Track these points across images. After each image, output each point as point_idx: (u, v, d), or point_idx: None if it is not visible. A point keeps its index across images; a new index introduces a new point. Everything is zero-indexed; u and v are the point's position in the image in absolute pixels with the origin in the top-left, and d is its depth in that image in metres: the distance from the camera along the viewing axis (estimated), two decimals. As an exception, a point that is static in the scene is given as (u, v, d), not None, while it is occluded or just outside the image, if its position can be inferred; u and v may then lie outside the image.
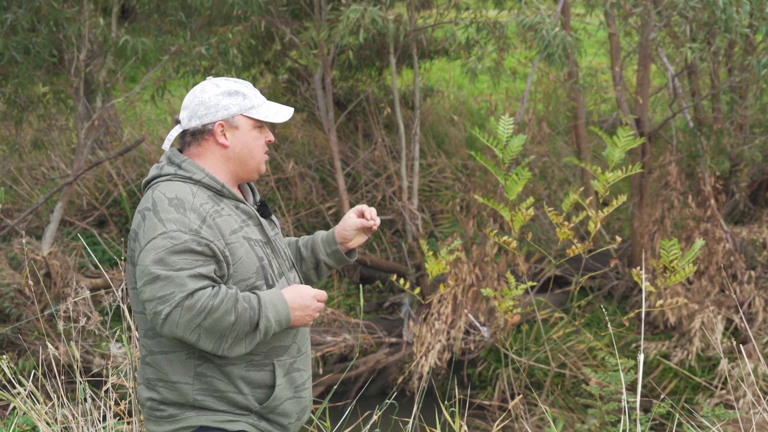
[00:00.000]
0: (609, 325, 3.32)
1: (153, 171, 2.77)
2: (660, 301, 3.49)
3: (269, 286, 2.73)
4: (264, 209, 2.86)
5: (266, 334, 2.64)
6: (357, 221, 2.96)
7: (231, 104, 2.74)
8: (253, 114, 2.75)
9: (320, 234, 3.03)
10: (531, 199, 3.57)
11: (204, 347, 2.60)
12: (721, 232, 8.70)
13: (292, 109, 2.83)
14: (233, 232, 2.69)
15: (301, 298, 2.70)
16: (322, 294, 2.75)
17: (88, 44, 7.88)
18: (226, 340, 2.60)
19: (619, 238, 3.58)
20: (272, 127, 3.15)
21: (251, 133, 2.77)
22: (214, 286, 2.59)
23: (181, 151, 2.79)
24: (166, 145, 2.79)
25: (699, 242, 3.32)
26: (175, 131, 2.77)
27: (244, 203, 2.77)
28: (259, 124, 2.78)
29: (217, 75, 7.62)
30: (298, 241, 3.07)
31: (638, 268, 3.49)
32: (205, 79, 2.84)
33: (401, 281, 3.65)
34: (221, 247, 2.63)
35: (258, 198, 2.90)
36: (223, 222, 2.68)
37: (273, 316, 2.64)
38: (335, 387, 4.08)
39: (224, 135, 2.75)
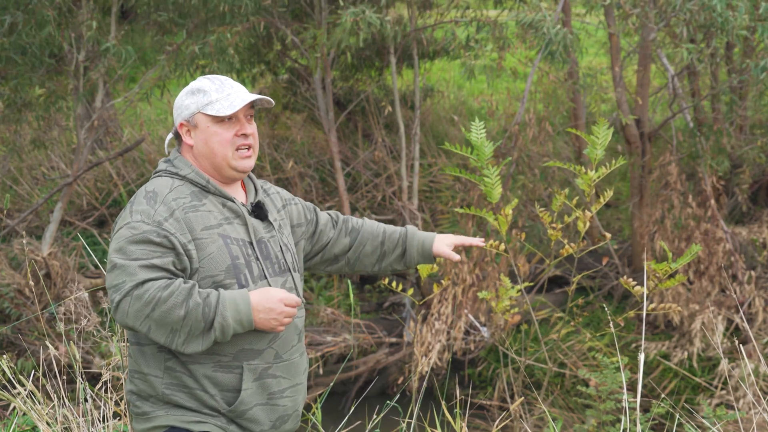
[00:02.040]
0: (610, 325, 3.32)
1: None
2: (652, 305, 3.47)
3: (242, 287, 2.68)
4: (259, 210, 2.81)
5: (223, 332, 2.58)
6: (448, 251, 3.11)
7: (191, 103, 2.75)
8: (208, 110, 2.72)
9: (416, 243, 3.13)
10: (515, 201, 3.56)
11: (157, 339, 2.58)
12: (721, 232, 8.69)
13: (251, 96, 2.75)
14: (207, 228, 2.67)
15: (266, 300, 2.62)
16: (292, 299, 2.65)
17: (88, 44, 7.88)
18: (179, 334, 2.56)
19: (608, 235, 3.57)
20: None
21: (210, 129, 2.73)
22: (169, 278, 2.57)
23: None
24: (166, 150, 2.88)
25: (695, 247, 3.30)
26: (170, 135, 2.85)
27: (232, 201, 2.76)
28: (221, 119, 2.73)
29: (212, 74, 7.58)
30: (384, 232, 3.13)
31: (627, 278, 3.48)
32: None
33: (393, 284, 3.64)
34: (184, 241, 2.61)
35: (257, 198, 2.86)
36: (198, 217, 2.67)
37: (232, 316, 2.57)
38: (330, 386, 4.08)
39: (189, 134, 2.77)
